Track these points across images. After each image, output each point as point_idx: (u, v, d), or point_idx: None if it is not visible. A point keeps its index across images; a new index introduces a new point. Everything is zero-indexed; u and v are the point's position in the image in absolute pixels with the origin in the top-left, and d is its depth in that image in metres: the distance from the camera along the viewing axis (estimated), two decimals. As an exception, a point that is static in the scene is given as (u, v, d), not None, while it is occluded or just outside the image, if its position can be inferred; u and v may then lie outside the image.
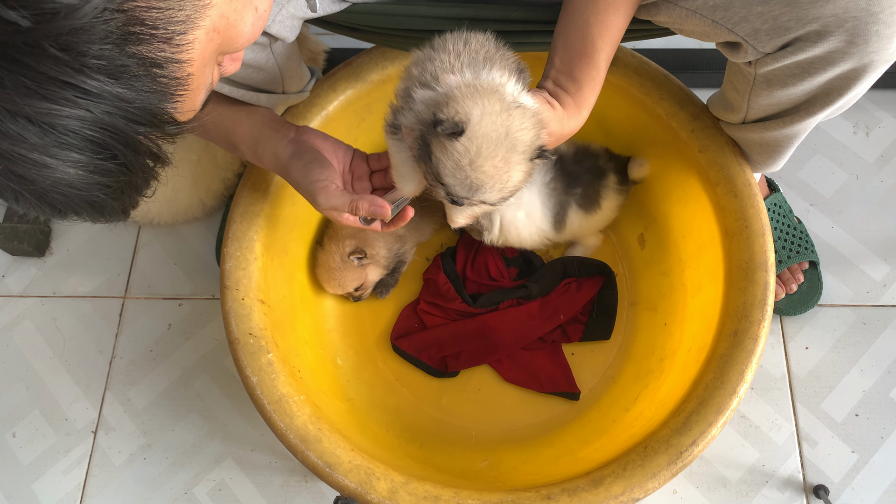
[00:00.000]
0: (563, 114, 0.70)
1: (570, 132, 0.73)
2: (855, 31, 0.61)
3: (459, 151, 0.60)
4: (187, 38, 0.43)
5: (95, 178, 0.42)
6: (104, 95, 0.39)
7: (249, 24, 0.49)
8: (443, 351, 1.07)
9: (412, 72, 0.67)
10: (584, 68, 0.69)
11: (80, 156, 0.40)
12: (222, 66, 0.52)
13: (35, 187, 0.41)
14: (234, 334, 0.84)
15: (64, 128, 0.39)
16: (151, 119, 0.43)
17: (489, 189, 0.62)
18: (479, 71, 0.63)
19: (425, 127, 0.62)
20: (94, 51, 0.38)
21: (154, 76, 0.41)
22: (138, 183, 0.46)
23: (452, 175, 0.61)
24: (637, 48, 1.10)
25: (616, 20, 0.68)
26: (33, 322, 1.22)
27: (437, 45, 0.67)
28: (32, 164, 0.39)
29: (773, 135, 0.80)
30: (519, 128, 0.61)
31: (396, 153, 0.70)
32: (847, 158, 1.21)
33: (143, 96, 0.41)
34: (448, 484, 0.78)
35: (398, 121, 0.67)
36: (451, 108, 0.60)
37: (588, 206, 1.01)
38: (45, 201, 0.42)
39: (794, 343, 1.09)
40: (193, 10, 0.42)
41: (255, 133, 0.79)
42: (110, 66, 0.39)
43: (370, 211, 0.70)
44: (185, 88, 0.44)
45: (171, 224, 1.25)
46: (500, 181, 0.62)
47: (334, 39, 1.31)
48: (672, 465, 0.75)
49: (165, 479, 1.09)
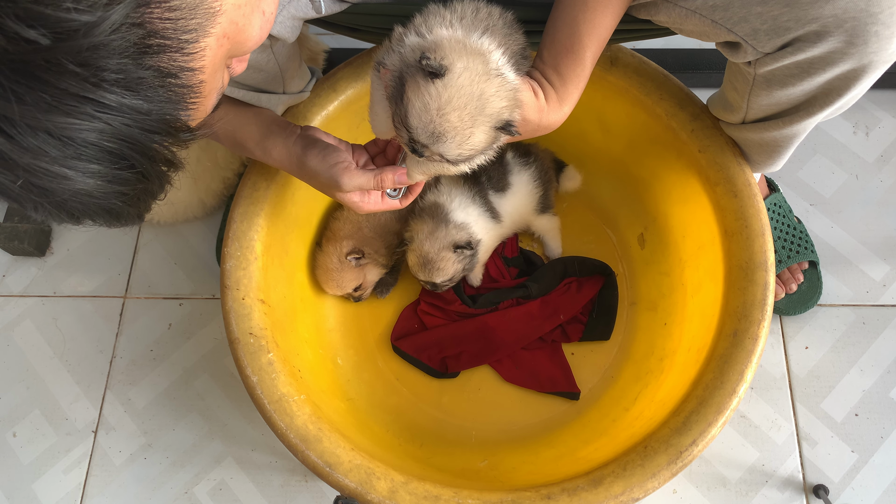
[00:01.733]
0: (544, 105, 0.71)
1: (549, 126, 0.73)
2: (854, 32, 0.61)
3: (431, 94, 0.61)
4: (199, 45, 0.43)
5: (113, 187, 0.43)
6: (122, 108, 0.40)
7: (257, 28, 0.49)
8: (443, 352, 1.07)
9: (415, 20, 0.69)
10: (570, 64, 0.70)
11: (99, 166, 0.41)
12: (231, 68, 0.52)
13: (55, 198, 0.42)
14: (234, 334, 0.84)
15: (83, 140, 0.39)
16: (166, 128, 0.43)
17: (450, 140, 0.63)
18: (471, 34, 0.65)
19: (405, 67, 0.64)
20: (112, 65, 0.38)
21: (169, 86, 0.42)
22: (153, 189, 0.46)
23: (418, 117, 0.63)
24: (637, 48, 1.10)
25: (604, 19, 0.68)
26: (34, 322, 1.22)
27: (451, 4, 0.69)
28: (53, 176, 0.40)
29: (772, 135, 0.80)
30: (494, 94, 0.63)
31: (375, 90, 0.72)
32: (847, 158, 1.21)
33: (159, 106, 0.42)
34: (448, 484, 0.78)
35: (383, 59, 0.68)
36: (439, 53, 0.62)
37: (500, 186, 1.05)
38: (64, 210, 0.43)
39: (793, 343, 1.09)
40: (204, 18, 0.43)
41: (263, 130, 0.80)
42: (127, 78, 0.39)
43: (395, 180, 0.73)
44: (198, 95, 0.45)
45: (171, 224, 1.26)
46: (462, 136, 0.63)
47: (334, 39, 1.31)
48: (672, 465, 0.75)
49: (166, 478, 1.09)
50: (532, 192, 1.07)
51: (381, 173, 0.73)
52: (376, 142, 0.80)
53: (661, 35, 0.84)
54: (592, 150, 1.11)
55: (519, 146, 1.09)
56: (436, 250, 0.99)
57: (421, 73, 0.61)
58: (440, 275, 1.01)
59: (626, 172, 1.08)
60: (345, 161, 0.74)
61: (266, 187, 0.92)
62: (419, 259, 1.01)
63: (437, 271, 1.01)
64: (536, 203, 1.08)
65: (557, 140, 1.12)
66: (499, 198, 1.05)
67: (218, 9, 0.44)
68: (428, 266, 1.00)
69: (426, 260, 1.00)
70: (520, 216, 1.09)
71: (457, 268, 1.01)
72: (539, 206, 1.09)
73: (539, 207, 1.09)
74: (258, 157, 0.82)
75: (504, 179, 1.05)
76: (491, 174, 1.04)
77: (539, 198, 1.08)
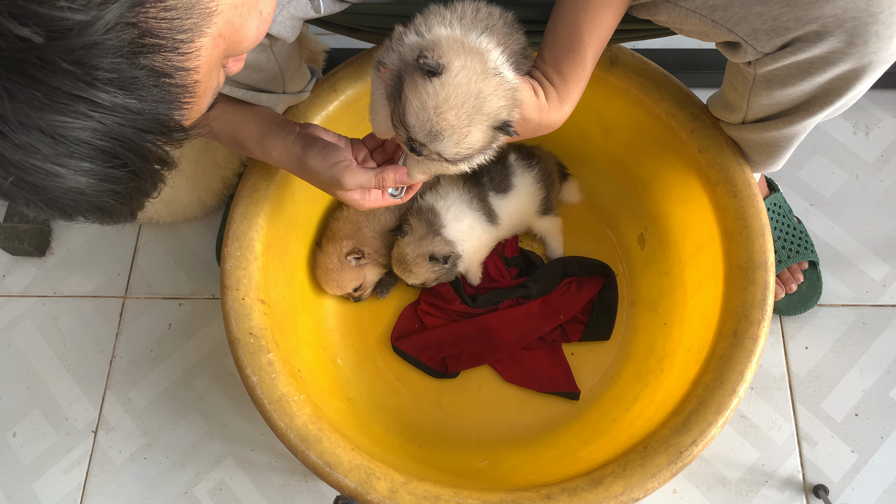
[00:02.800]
0: (544, 104, 0.70)
1: (549, 125, 0.73)
2: (854, 32, 0.61)
3: (429, 93, 0.61)
4: (194, 45, 0.43)
5: (105, 186, 0.43)
6: (115, 107, 0.39)
7: (254, 28, 0.49)
8: (443, 352, 1.07)
9: (416, 19, 0.69)
10: (571, 64, 0.70)
11: (91, 165, 0.41)
12: (227, 68, 0.52)
13: (47, 195, 0.42)
14: (234, 334, 0.84)
15: (75, 139, 0.39)
16: (160, 127, 0.43)
17: (447, 139, 0.63)
18: (470, 33, 0.65)
19: (404, 66, 0.64)
20: (106, 64, 0.38)
21: (163, 85, 0.42)
22: (146, 187, 0.46)
23: (416, 116, 0.63)
24: (637, 48, 1.10)
25: (605, 18, 0.68)
26: (34, 322, 1.22)
27: (452, 4, 0.69)
28: (44, 173, 0.40)
29: (772, 135, 0.80)
30: (491, 93, 0.63)
31: (375, 90, 0.72)
32: (847, 158, 1.21)
33: (152, 106, 0.41)
34: (448, 484, 0.78)
35: (383, 58, 0.68)
36: (437, 52, 0.62)
37: (503, 188, 1.05)
38: (56, 207, 0.43)
39: (793, 343, 1.09)
40: (200, 18, 0.43)
41: (263, 129, 0.80)
42: (121, 78, 0.39)
43: (396, 179, 0.73)
44: (192, 95, 0.45)
45: (171, 224, 1.26)
46: (459, 135, 0.63)
47: (334, 39, 1.31)
48: (672, 465, 0.75)
49: (166, 478, 1.09)
50: (534, 195, 1.07)
51: (383, 172, 0.73)
52: (374, 136, 0.80)
53: (661, 35, 0.84)
54: (592, 150, 1.11)
55: (522, 148, 1.09)
56: (413, 255, 1.02)
57: (419, 72, 0.62)
58: (411, 277, 1.04)
59: (626, 173, 1.08)
60: (345, 160, 0.74)
61: (266, 187, 0.92)
62: (398, 256, 1.04)
63: (409, 273, 1.04)
64: (539, 205, 1.08)
65: (558, 140, 1.12)
66: (500, 199, 1.05)
67: (214, 9, 0.43)
68: (402, 265, 1.03)
69: (402, 259, 1.03)
70: (520, 218, 1.09)
71: (429, 276, 1.04)
72: (541, 209, 1.09)
73: (541, 209, 1.09)
74: (258, 157, 0.82)
75: (506, 181, 1.05)
76: (493, 175, 1.05)
77: (541, 200, 1.08)
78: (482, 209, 1.04)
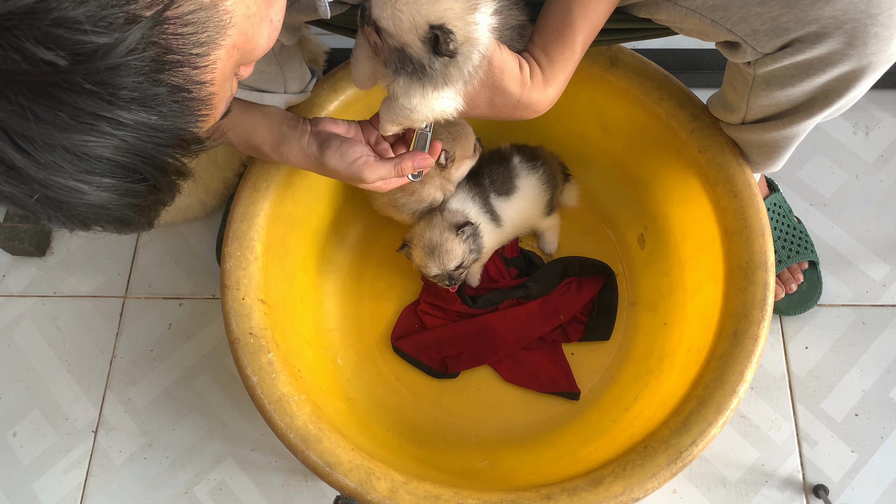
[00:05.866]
0: (527, 80, 0.70)
1: (530, 104, 0.71)
2: (854, 33, 0.61)
3: None
4: (210, 59, 0.43)
5: (126, 200, 0.44)
6: (137, 125, 0.40)
7: (265, 37, 0.50)
8: (443, 352, 1.07)
9: None
10: (559, 47, 0.70)
11: (112, 180, 0.42)
12: (238, 75, 0.52)
13: (70, 211, 0.43)
14: (234, 334, 0.84)
15: (98, 156, 0.40)
16: (179, 141, 0.44)
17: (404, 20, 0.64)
18: None
19: None
20: (129, 83, 0.39)
21: (182, 100, 0.42)
22: (164, 198, 0.47)
23: (382, 7, 0.64)
24: (637, 48, 1.10)
25: (598, 6, 0.68)
26: (34, 322, 1.22)
27: None
28: (68, 190, 0.41)
29: (772, 136, 0.80)
30: (456, 17, 0.63)
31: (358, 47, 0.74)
32: (847, 158, 1.21)
33: (172, 121, 0.42)
34: (448, 484, 0.78)
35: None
36: None
37: (506, 190, 1.04)
38: (77, 220, 0.44)
39: (793, 343, 1.09)
40: (215, 31, 0.43)
41: (276, 133, 0.80)
42: (143, 96, 0.40)
43: (415, 167, 0.77)
44: (209, 107, 0.45)
45: (171, 224, 1.26)
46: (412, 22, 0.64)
47: (334, 40, 1.31)
48: (672, 465, 0.75)
49: (166, 478, 1.09)
50: (539, 196, 1.07)
51: (401, 162, 0.76)
52: None
53: (661, 35, 0.84)
54: (592, 150, 1.11)
55: (526, 149, 1.08)
56: (438, 234, 0.97)
57: None
58: (451, 259, 0.98)
59: (626, 172, 1.08)
60: (362, 156, 0.76)
61: (266, 187, 0.92)
62: (425, 249, 0.98)
63: (447, 254, 0.97)
64: (544, 206, 1.08)
65: (558, 141, 1.13)
66: (502, 202, 1.04)
67: (228, 21, 0.44)
68: (436, 253, 0.98)
69: (432, 247, 0.98)
70: (524, 220, 1.08)
71: (464, 248, 0.98)
72: (546, 210, 1.09)
73: (546, 210, 1.09)
74: (276, 160, 0.83)
75: (510, 183, 1.04)
76: (495, 177, 1.04)
77: (546, 201, 1.08)
78: (484, 207, 1.03)
